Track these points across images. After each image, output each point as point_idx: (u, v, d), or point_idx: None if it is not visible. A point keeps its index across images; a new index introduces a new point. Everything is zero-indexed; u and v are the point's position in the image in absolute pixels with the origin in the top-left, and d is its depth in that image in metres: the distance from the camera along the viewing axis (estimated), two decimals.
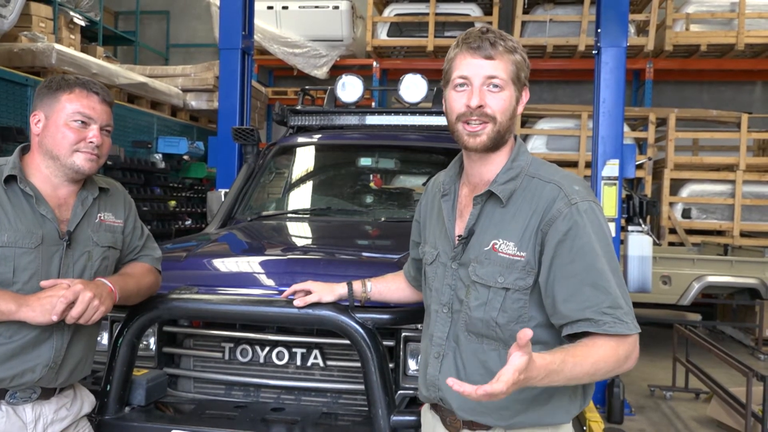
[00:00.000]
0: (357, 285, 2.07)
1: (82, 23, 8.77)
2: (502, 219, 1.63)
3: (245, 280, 2.54)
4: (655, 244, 5.65)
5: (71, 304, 1.74)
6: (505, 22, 10.12)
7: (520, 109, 1.68)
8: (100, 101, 1.93)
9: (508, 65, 1.62)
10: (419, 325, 2.26)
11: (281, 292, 2.36)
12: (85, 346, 1.99)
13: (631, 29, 9.24)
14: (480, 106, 1.61)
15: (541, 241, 1.57)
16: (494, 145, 1.64)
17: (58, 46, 6.31)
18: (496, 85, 1.61)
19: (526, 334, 1.29)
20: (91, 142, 1.90)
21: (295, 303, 2.09)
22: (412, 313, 2.22)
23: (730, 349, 5.53)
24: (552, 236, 1.55)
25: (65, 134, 1.87)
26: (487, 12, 9.87)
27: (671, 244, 8.39)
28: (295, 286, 2.11)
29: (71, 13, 8.46)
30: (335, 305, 2.12)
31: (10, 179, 1.85)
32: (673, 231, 8.44)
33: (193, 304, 2.21)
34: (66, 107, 1.88)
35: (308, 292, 2.10)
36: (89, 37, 9.80)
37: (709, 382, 4.87)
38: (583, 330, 1.50)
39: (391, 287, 2.10)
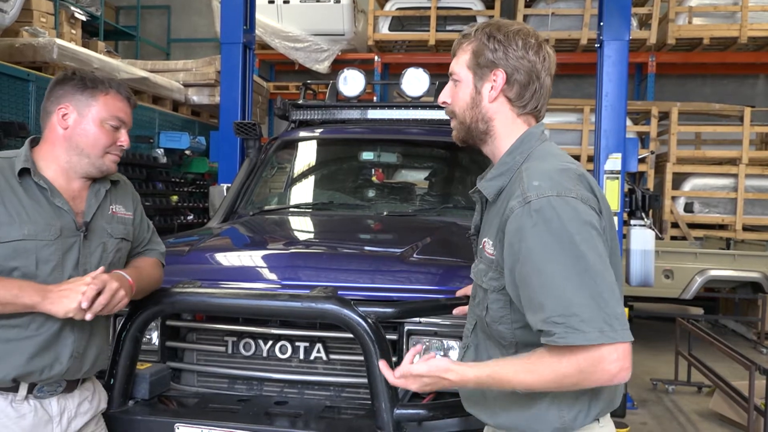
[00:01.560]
0: None
1: (83, 18, 8.75)
2: (489, 216, 1.59)
3: (248, 274, 2.54)
4: (657, 238, 5.64)
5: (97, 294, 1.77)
6: (507, 15, 10.07)
7: (491, 96, 1.55)
8: (130, 105, 1.98)
9: (465, 56, 1.58)
10: (422, 319, 2.27)
11: (284, 285, 2.37)
12: (104, 336, 2.02)
13: (634, 22, 9.21)
14: (445, 102, 1.62)
15: (501, 241, 1.47)
16: (467, 138, 1.61)
17: (59, 41, 6.30)
18: (456, 81, 1.60)
19: (415, 350, 1.52)
20: (121, 145, 1.94)
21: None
22: (415, 307, 2.22)
23: (733, 343, 5.52)
24: (507, 237, 1.45)
25: (99, 136, 1.89)
26: (489, 6, 9.84)
27: (674, 238, 8.38)
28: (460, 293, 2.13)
29: (72, 8, 8.45)
30: (338, 298, 2.12)
31: (23, 172, 1.85)
32: (675, 225, 8.43)
33: (196, 298, 2.21)
34: (103, 109, 1.90)
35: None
36: (90, 32, 9.78)
37: (712, 376, 4.87)
38: (543, 343, 1.37)
39: None
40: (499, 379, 1.40)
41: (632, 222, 4.95)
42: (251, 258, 2.76)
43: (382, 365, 1.57)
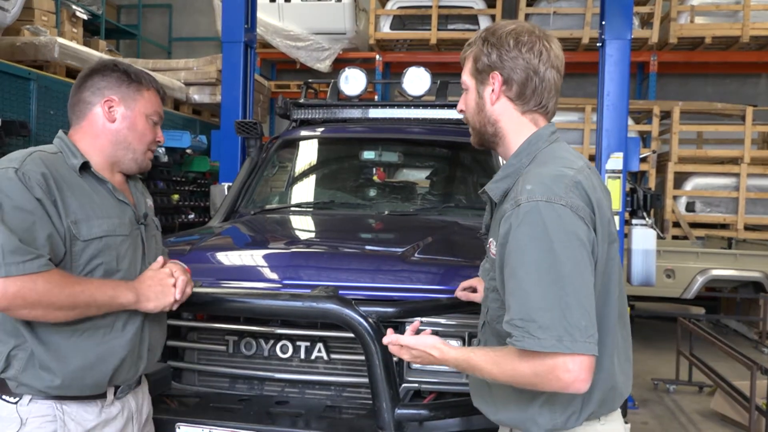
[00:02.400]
0: None
1: (85, 17, 8.76)
2: (496, 217, 1.61)
3: (249, 273, 2.54)
4: (659, 237, 5.63)
5: None
6: (508, 14, 10.08)
7: (491, 99, 1.57)
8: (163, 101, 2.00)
9: (468, 64, 1.63)
10: (422, 319, 2.27)
11: (285, 285, 2.36)
12: (165, 323, 2.02)
13: (636, 21, 9.20)
14: (462, 110, 1.69)
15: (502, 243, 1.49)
16: (482, 142, 1.66)
17: (60, 40, 6.30)
18: (465, 90, 1.66)
19: (414, 326, 1.67)
20: (158, 141, 1.94)
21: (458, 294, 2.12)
22: (416, 307, 2.22)
23: (734, 343, 5.52)
24: (499, 238, 1.48)
25: (146, 131, 1.88)
26: (491, 5, 9.83)
27: (675, 237, 8.38)
28: (463, 284, 2.10)
29: (74, 7, 8.46)
30: (339, 298, 2.12)
31: (84, 167, 1.78)
32: (677, 224, 8.42)
33: (196, 298, 2.20)
34: (148, 104, 1.89)
35: (474, 290, 2.08)
36: (92, 30, 9.79)
37: (713, 376, 4.86)
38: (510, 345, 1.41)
39: None
40: (473, 365, 1.47)
41: (634, 221, 4.94)
42: (252, 257, 2.76)
43: (388, 332, 1.65)
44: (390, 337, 1.62)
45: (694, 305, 7.79)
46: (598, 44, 5.11)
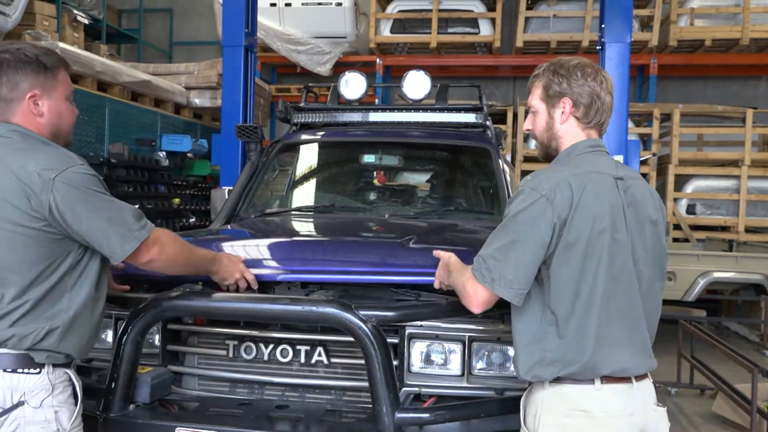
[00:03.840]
0: None
1: (86, 21, 8.76)
2: None
3: (251, 263, 2.52)
4: None
5: None
6: (508, 18, 10.09)
7: (562, 119, 1.93)
8: None
9: (537, 91, 1.98)
10: (423, 323, 2.27)
11: (284, 271, 2.41)
12: None
13: (635, 24, 9.21)
14: (529, 129, 2.06)
15: None
16: (546, 155, 2.03)
17: (61, 44, 6.31)
18: (534, 112, 2.01)
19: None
20: (75, 114, 2.10)
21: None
22: (416, 311, 2.22)
23: (736, 345, 5.51)
24: None
25: (70, 113, 2.03)
26: (491, 8, 9.84)
27: (676, 240, 8.37)
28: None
29: (75, 11, 8.47)
30: (339, 302, 2.12)
31: None
32: (677, 227, 8.41)
33: (195, 302, 2.21)
34: (65, 86, 1.99)
35: None
36: (93, 35, 9.81)
37: (714, 378, 4.86)
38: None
39: None
40: (453, 271, 2.01)
41: None
42: (255, 247, 2.80)
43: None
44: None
45: (695, 308, 7.78)
46: (597, 47, 5.13)
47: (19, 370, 1.80)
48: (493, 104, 8.93)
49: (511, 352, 2.26)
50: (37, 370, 1.83)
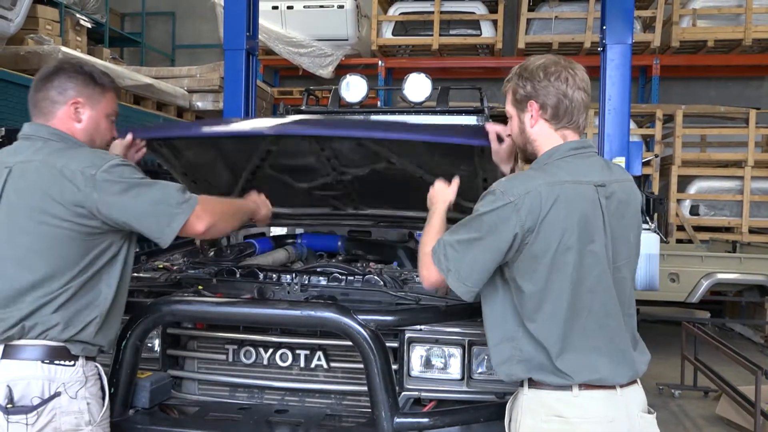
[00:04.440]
0: None
1: (89, 25, 8.79)
2: None
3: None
4: (662, 241, 5.61)
5: None
6: (510, 19, 10.09)
7: (531, 122, 1.88)
8: None
9: (508, 96, 1.95)
10: (423, 326, 2.27)
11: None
12: None
13: (638, 25, 9.19)
14: (508, 135, 2.11)
15: None
16: (525, 157, 2.01)
17: (63, 49, 6.34)
18: (509, 117, 1.99)
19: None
20: (114, 137, 2.23)
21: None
22: (415, 315, 2.21)
23: (740, 347, 5.48)
24: None
25: (107, 131, 2.13)
26: (493, 10, 9.84)
27: (679, 241, 8.34)
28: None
29: (78, 15, 8.50)
30: (337, 306, 2.12)
31: None
32: (681, 228, 8.38)
33: (193, 307, 2.21)
34: (109, 105, 2.11)
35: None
36: (96, 38, 9.84)
37: (718, 380, 4.84)
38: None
39: None
40: (429, 221, 2.02)
41: None
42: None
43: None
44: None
45: (699, 309, 7.75)
46: (599, 49, 5.11)
47: (56, 362, 1.86)
48: (495, 106, 8.91)
49: None
50: (72, 362, 1.88)
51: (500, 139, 2.21)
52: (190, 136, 2.81)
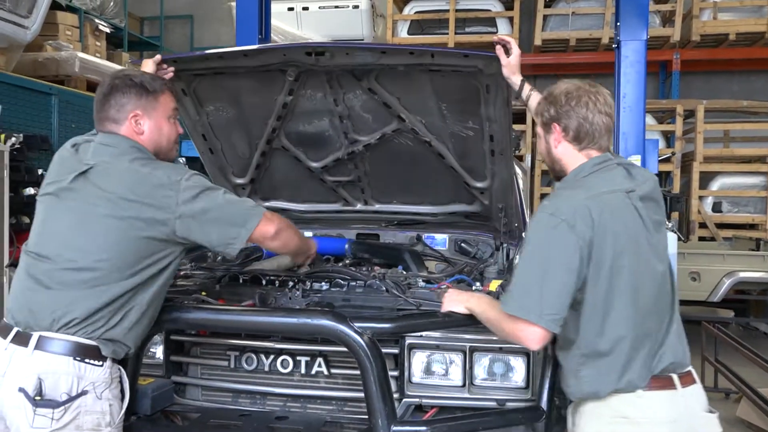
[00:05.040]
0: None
1: (108, 30, 8.89)
2: None
3: None
4: (679, 240, 5.51)
5: None
6: (527, 16, 9.98)
7: (555, 144, 2.02)
8: None
9: (537, 118, 2.10)
10: (423, 333, 2.25)
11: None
12: None
13: (657, 20, 9.03)
14: (541, 154, 2.19)
15: None
16: (556, 177, 2.11)
17: (81, 54, 6.43)
18: (538, 138, 2.13)
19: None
20: (179, 133, 2.32)
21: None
22: (413, 322, 2.20)
23: (764, 346, 5.36)
24: None
25: (170, 131, 2.23)
26: (509, 7, 9.74)
27: (702, 238, 8.19)
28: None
29: (96, 21, 8.60)
30: (334, 314, 2.11)
31: None
32: (703, 225, 8.23)
33: (194, 314, 2.22)
34: (167, 107, 2.21)
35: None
36: (115, 43, 9.95)
37: (738, 382, 4.74)
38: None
39: None
40: (480, 312, 2.04)
41: None
42: None
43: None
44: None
45: (722, 308, 7.60)
46: (613, 46, 5.04)
47: (87, 360, 1.91)
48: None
49: (513, 362, 2.26)
50: (101, 362, 1.94)
51: (507, 54, 2.44)
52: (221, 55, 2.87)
